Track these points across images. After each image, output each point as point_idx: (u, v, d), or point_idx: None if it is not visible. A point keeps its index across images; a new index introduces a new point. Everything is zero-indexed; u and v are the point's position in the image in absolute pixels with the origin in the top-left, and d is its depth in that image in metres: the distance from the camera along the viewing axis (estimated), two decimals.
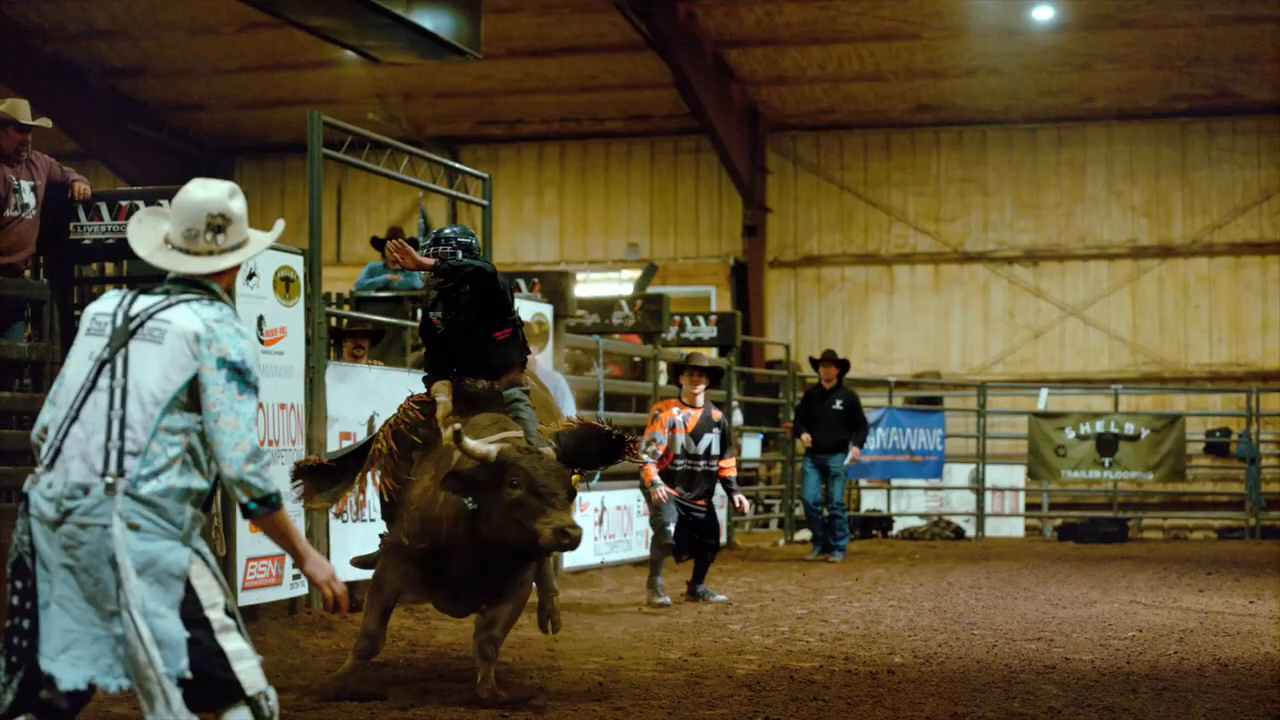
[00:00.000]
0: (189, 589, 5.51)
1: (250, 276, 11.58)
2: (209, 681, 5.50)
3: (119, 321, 5.63)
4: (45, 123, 11.99)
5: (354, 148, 13.26)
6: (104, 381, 5.58)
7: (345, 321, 14.79)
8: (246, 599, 11.35)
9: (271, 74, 30.19)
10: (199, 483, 5.60)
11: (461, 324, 9.53)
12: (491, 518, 8.73)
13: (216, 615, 5.54)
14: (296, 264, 12.16)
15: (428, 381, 9.73)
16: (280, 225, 6.16)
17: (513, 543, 8.77)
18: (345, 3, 16.94)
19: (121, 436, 5.51)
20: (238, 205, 5.80)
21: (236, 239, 5.80)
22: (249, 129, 32.53)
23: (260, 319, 11.67)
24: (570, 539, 8.51)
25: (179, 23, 28.65)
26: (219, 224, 5.75)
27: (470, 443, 8.65)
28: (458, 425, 8.75)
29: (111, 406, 5.54)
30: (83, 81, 29.81)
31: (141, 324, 5.62)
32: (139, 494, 5.47)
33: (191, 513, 5.56)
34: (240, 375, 5.59)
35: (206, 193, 5.77)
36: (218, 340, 5.59)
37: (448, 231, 9.80)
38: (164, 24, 28.71)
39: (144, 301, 5.68)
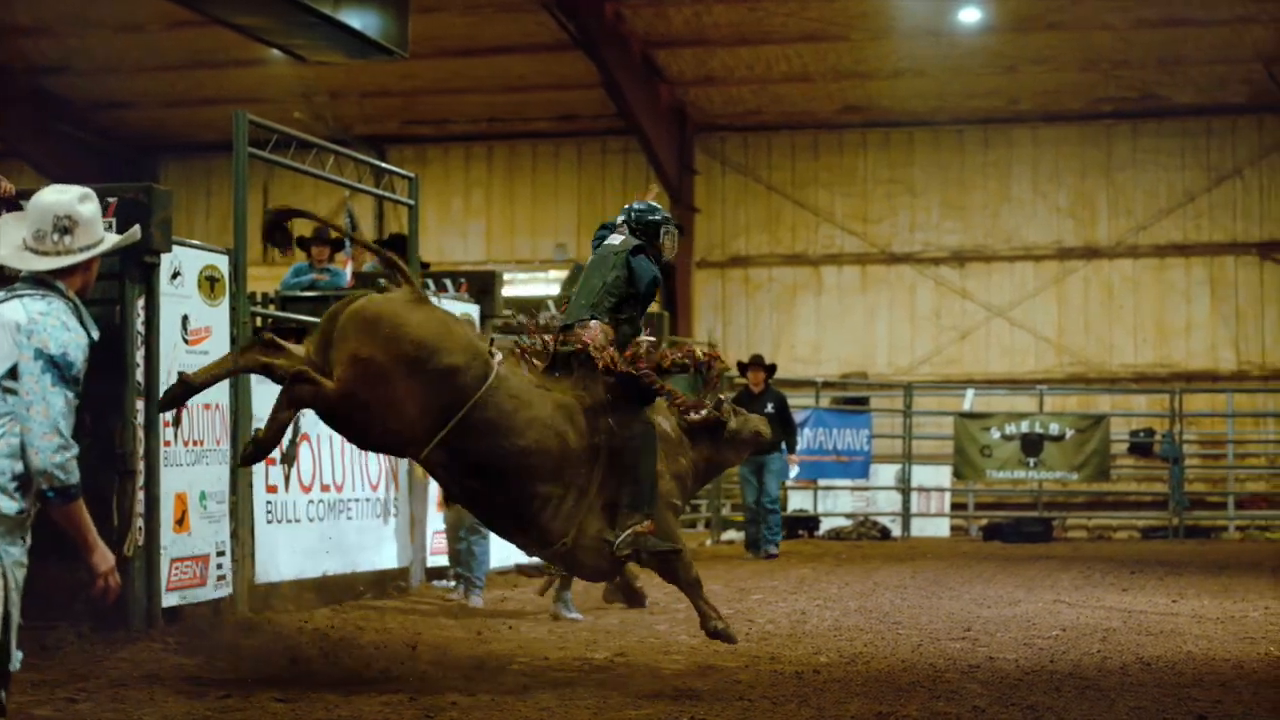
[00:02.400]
0: None
1: (175, 276, 11.52)
2: None
3: None
4: None
5: (280, 147, 13.20)
6: None
7: (271, 321, 14.71)
8: (170, 600, 11.28)
9: (197, 72, 29.97)
10: (19, 467, 5.71)
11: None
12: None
13: None
14: (222, 264, 12.11)
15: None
16: (136, 231, 6.28)
17: None
18: (272, 1, 16.87)
19: None
20: (87, 209, 5.98)
21: (85, 241, 5.96)
22: (174, 128, 32.26)
23: (185, 318, 11.61)
24: None
25: (104, 20, 28.39)
26: (65, 225, 5.91)
27: None
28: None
29: None
30: (6, 79, 29.52)
31: None
32: None
33: None
34: (56, 368, 5.72)
35: (57, 196, 5.98)
36: (39, 332, 5.73)
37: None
38: (89, 21, 28.44)
39: None
